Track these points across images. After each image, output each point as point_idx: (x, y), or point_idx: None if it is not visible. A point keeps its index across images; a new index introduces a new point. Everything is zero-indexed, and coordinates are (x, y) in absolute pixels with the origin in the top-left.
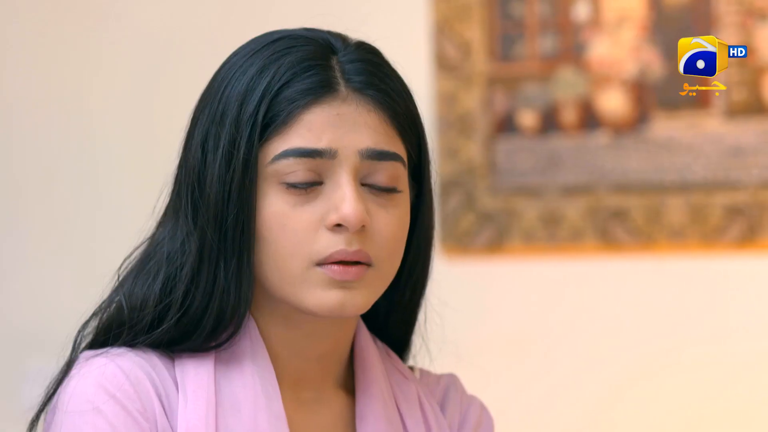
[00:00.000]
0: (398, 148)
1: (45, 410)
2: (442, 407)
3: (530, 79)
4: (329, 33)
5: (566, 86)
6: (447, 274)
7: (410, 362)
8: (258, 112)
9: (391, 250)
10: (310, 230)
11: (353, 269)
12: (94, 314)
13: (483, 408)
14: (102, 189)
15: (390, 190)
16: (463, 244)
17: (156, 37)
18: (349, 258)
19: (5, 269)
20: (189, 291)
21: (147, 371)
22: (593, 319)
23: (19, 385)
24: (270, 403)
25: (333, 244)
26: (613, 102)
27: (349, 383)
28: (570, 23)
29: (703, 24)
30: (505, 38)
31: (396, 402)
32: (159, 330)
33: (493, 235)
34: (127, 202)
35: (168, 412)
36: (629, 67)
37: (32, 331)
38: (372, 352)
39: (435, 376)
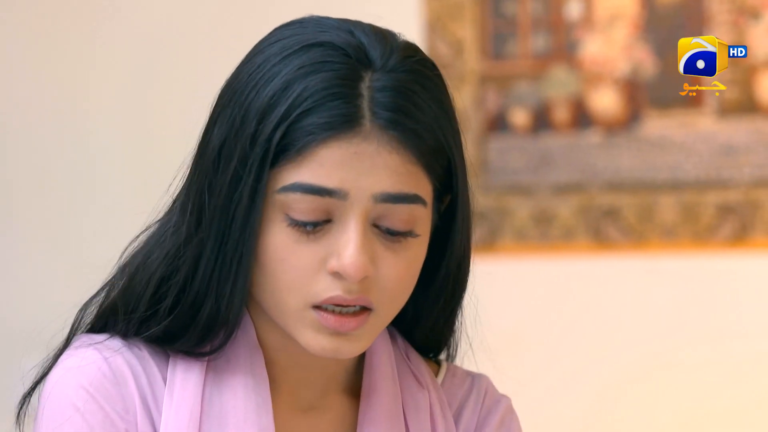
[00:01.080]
0: (420, 186)
1: (39, 386)
2: (459, 413)
3: (522, 77)
4: (372, 35)
5: (558, 85)
6: None
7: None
8: (273, 137)
9: (395, 295)
10: (310, 270)
11: (352, 321)
12: (98, 293)
13: (509, 411)
14: (97, 188)
15: (404, 234)
16: None
17: (151, 36)
18: (346, 303)
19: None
20: (179, 299)
21: (135, 370)
22: (585, 317)
23: (13, 385)
24: (260, 417)
25: (331, 288)
26: (606, 100)
27: (357, 386)
28: (562, 22)
29: (696, 23)
30: (498, 37)
31: (404, 410)
32: (148, 331)
33: (485, 234)
34: (122, 201)
35: (153, 412)
36: (621, 66)
37: (27, 330)
38: (385, 354)
39: (460, 378)
